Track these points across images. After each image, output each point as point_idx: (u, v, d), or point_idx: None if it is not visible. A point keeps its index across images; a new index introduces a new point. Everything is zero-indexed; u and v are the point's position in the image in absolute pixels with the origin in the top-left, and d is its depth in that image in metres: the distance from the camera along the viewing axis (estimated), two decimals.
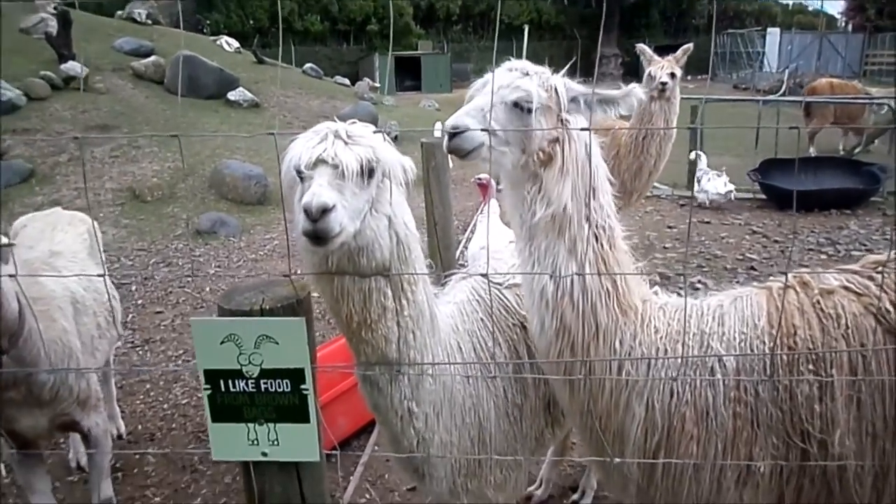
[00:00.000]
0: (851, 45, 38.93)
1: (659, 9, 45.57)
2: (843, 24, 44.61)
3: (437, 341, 2.32)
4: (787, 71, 28.53)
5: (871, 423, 2.17)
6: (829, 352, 2.15)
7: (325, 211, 1.77)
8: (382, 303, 2.07)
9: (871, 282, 2.28)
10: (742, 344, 2.23)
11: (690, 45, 6.38)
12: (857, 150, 11.93)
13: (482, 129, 1.99)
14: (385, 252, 2.02)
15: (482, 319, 2.56)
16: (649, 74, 6.11)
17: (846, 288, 2.29)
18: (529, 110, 2.08)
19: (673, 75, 6.04)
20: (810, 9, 49.78)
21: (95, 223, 4.05)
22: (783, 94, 24.57)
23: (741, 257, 7.61)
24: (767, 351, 2.21)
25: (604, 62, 42.78)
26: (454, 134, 2.02)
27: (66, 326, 2.95)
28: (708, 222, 9.16)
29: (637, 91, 2.18)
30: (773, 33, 39.08)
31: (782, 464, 2.19)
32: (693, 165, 10.32)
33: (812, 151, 13.31)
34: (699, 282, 6.73)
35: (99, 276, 2.13)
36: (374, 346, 2.13)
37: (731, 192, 10.05)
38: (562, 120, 2.17)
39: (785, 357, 2.21)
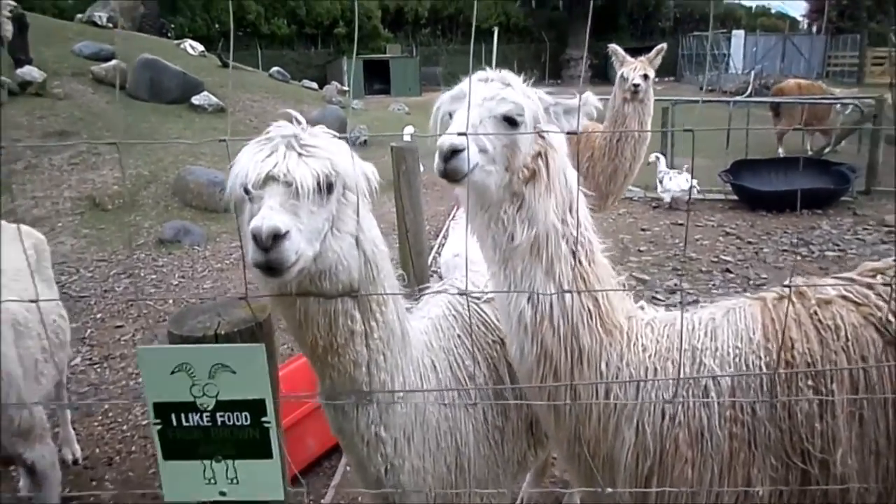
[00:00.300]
0: (814, 47, 39.65)
1: (626, 12, 45.96)
2: (806, 26, 45.45)
3: (410, 360, 2.15)
4: (752, 72, 28.88)
5: (874, 441, 2.06)
6: (830, 370, 2.02)
7: (277, 237, 1.58)
8: (350, 326, 1.90)
9: (871, 291, 2.16)
10: (737, 360, 2.09)
11: (664, 46, 6.29)
12: (826, 151, 12.03)
13: (463, 133, 1.80)
14: (353, 273, 1.84)
15: (459, 336, 2.39)
16: (622, 76, 6.00)
17: (844, 298, 2.17)
18: (518, 123, 1.93)
19: (646, 76, 5.95)
20: (773, 11, 50.75)
21: (44, 237, 3.78)
22: (749, 96, 24.87)
23: (716, 259, 7.55)
24: (764, 367, 2.08)
25: (571, 65, 43.03)
26: (451, 155, 1.81)
27: (5, 351, 2.71)
28: (681, 224, 9.11)
29: (592, 99, 2.10)
30: (738, 35, 39.62)
31: (782, 488, 2.06)
32: (674, 167, 10.29)
33: (781, 152, 13.41)
34: (675, 285, 6.64)
35: (32, 301, 1.91)
36: (340, 371, 1.96)
37: (693, 188, 10.05)
38: (540, 133, 2.02)
39: (783, 373, 2.08)
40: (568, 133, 2.11)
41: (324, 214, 1.74)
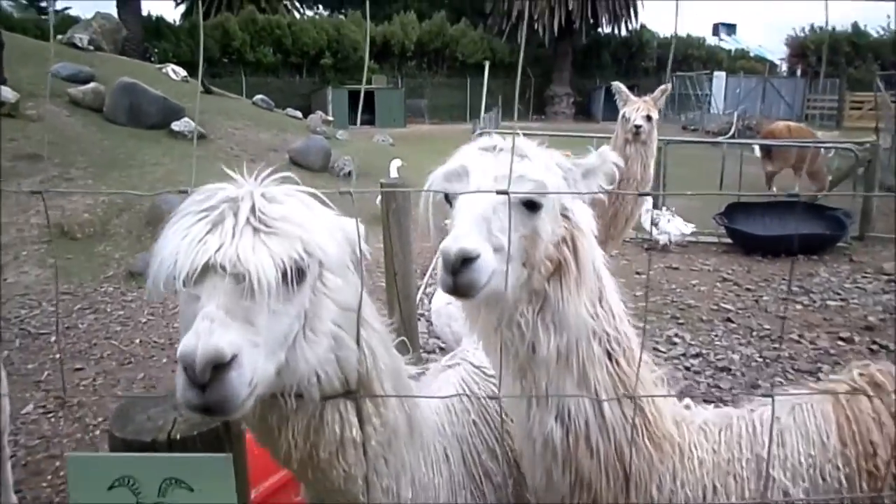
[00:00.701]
0: (793, 90, 40.33)
1: (610, 51, 46.51)
2: (786, 69, 46.31)
3: (420, 448, 1.74)
4: (735, 113, 29.10)
5: None
6: None
7: (220, 366, 1.12)
8: (339, 435, 1.47)
9: None
10: (811, 471, 1.72)
11: (667, 87, 6.07)
12: (819, 196, 11.88)
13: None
14: (334, 382, 1.42)
15: (475, 422, 1.98)
16: (624, 116, 5.75)
17: None
18: (540, 206, 1.53)
19: (649, 118, 5.70)
20: (752, 55, 51.72)
21: None
22: (732, 136, 25.01)
23: (716, 307, 7.23)
24: (843, 479, 1.71)
25: (556, 101, 43.28)
26: (462, 265, 1.39)
27: None
28: (676, 268, 8.82)
29: (611, 155, 1.74)
30: (720, 77, 40.18)
31: None
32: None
33: (774, 191, 13.30)
34: (676, 336, 6.30)
35: None
36: (326, 486, 1.55)
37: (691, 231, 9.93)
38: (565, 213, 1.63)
39: (865, 485, 1.72)
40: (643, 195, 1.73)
41: (292, 311, 1.28)
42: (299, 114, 21.53)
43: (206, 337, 1.11)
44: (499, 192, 1.36)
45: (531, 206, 1.52)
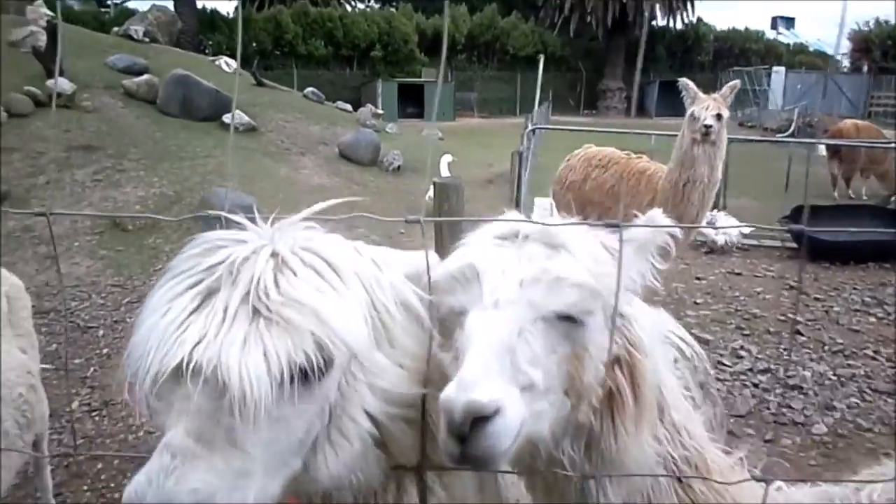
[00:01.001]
0: (856, 86, 38.78)
1: (664, 44, 45.43)
2: (849, 64, 44.59)
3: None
4: (796, 110, 28.03)
5: None
6: None
7: None
8: None
9: None
10: None
11: (737, 83, 5.73)
12: (893, 199, 11.25)
13: None
14: (374, 479, 1.15)
15: None
16: (692, 115, 5.42)
17: None
18: (584, 320, 1.14)
19: (719, 116, 5.36)
20: (811, 49, 50.03)
21: (20, 283, 3.19)
22: (792, 134, 24.15)
23: (783, 318, 6.81)
24: None
25: (608, 96, 42.48)
26: (477, 423, 0.95)
27: None
28: (739, 274, 8.39)
29: (660, 218, 1.29)
30: (779, 72, 38.86)
31: None
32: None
33: (836, 195, 12.67)
34: (742, 348, 5.93)
35: None
36: None
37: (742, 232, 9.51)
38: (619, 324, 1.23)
39: None
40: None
41: (310, 409, 1.00)
42: (349, 107, 21.49)
43: (160, 483, 0.83)
44: (608, 226, 1.08)
45: (571, 318, 1.14)
